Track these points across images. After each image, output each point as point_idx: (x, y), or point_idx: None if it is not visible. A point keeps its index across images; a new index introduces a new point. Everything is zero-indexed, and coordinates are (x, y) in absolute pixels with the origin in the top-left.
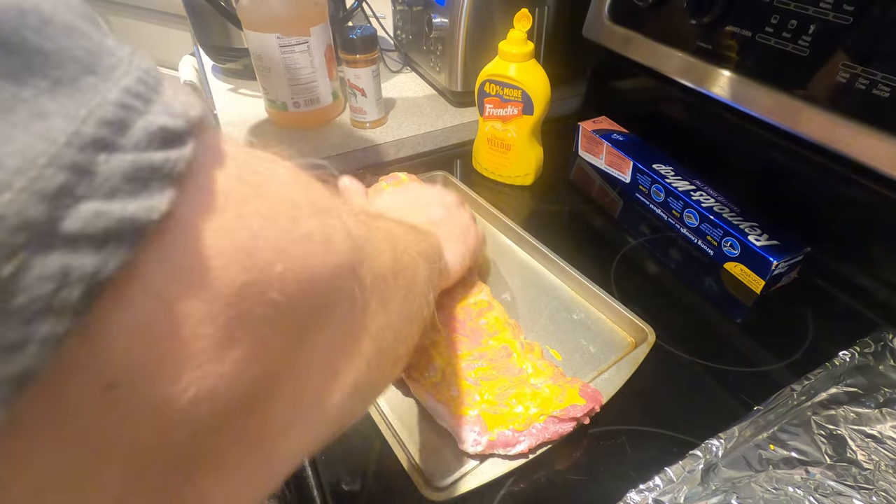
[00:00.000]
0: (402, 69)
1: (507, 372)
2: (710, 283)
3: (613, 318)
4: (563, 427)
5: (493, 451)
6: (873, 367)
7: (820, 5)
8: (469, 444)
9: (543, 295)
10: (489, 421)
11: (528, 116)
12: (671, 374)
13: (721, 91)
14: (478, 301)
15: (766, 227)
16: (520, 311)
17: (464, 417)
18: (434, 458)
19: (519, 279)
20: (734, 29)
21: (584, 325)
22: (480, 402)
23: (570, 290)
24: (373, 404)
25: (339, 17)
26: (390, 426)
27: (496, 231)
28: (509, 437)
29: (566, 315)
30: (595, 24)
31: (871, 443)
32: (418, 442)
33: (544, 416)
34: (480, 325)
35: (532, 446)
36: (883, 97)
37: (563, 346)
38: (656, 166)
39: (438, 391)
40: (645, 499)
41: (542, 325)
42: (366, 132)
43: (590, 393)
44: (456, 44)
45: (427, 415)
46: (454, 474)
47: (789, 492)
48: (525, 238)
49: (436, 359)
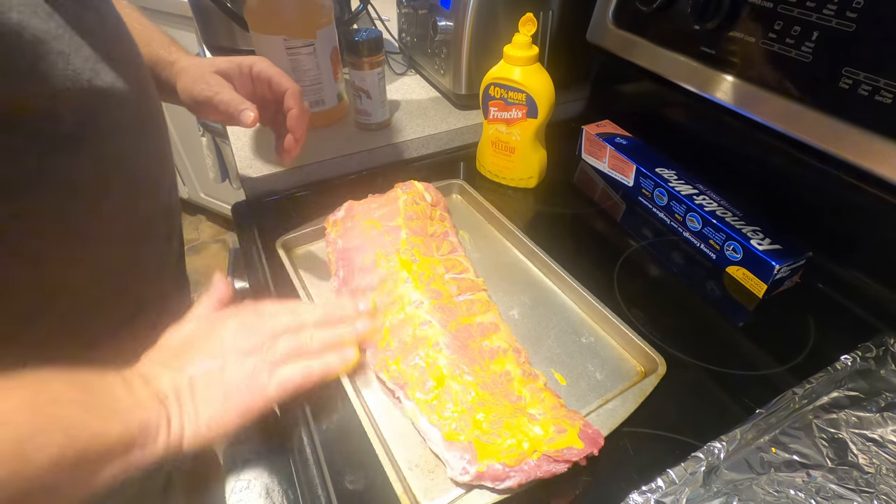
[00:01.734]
0: (407, 72)
1: (505, 398)
2: (713, 287)
3: (623, 344)
4: (556, 467)
5: (481, 482)
6: (875, 372)
7: (823, 12)
8: (458, 472)
9: (552, 315)
10: (480, 450)
11: (533, 120)
12: (673, 377)
13: (724, 96)
14: (484, 321)
15: (769, 231)
16: (527, 330)
17: (454, 443)
18: (426, 479)
19: (528, 296)
20: (738, 34)
21: (592, 349)
22: (473, 428)
23: (580, 311)
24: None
25: (345, 20)
26: (382, 439)
27: (508, 244)
28: (499, 471)
29: (574, 338)
30: (599, 29)
31: (873, 446)
32: (411, 459)
33: (538, 454)
34: (483, 346)
35: (522, 482)
36: (885, 103)
37: (568, 370)
38: (659, 170)
39: (431, 412)
40: (647, 500)
41: (549, 347)
42: (370, 134)
43: (590, 435)
44: (460, 47)
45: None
46: (442, 498)
47: (791, 495)
48: (537, 254)
49: (432, 379)
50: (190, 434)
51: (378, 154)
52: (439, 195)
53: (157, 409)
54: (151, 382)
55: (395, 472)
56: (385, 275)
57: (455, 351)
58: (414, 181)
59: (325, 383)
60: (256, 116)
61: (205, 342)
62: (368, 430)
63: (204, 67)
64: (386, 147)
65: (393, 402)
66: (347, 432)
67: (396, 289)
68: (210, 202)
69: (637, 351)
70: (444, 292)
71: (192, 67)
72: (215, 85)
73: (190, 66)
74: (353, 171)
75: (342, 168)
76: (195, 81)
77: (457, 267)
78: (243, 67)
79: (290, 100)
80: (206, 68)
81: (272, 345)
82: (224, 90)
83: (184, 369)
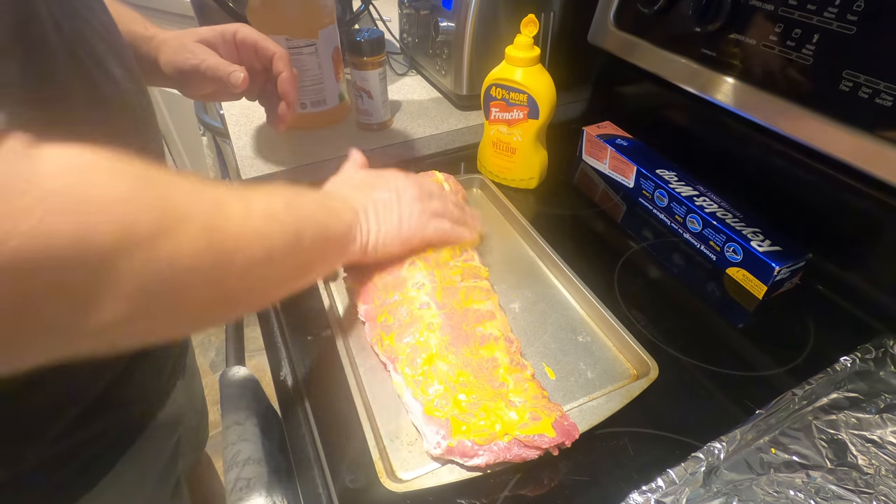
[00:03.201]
0: (408, 72)
1: (488, 383)
2: (713, 288)
3: (619, 346)
4: (527, 452)
5: (450, 457)
6: (874, 373)
7: (824, 14)
8: (432, 445)
9: (552, 311)
10: (455, 427)
11: (534, 121)
12: (673, 378)
13: (725, 98)
14: (481, 308)
15: (769, 232)
16: (525, 323)
17: (433, 419)
18: (405, 450)
19: (532, 291)
20: (739, 37)
21: (587, 348)
22: (453, 406)
23: (581, 310)
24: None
25: (346, 20)
26: (368, 408)
27: (521, 241)
28: (468, 448)
29: (571, 336)
30: (600, 30)
31: (872, 447)
32: (393, 431)
33: (509, 437)
34: (476, 331)
35: (490, 463)
36: (886, 106)
37: (560, 366)
38: (660, 171)
39: (417, 388)
40: (647, 500)
41: (545, 342)
42: (372, 134)
43: (565, 427)
44: (462, 48)
45: None
46: (417, 470)
47: (790, 495)
48: (547, 251)
49: (421, 356)
50: (372, 244)
51: (379, 154)
52: (459, 186)
53: (356, 217)
54: (348, 199)
55: (375, 440)
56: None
57: (447, 332)
58: (435, 171)
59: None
60: (246, 77)
61: (382, 181)
62: (356, 398)
63: (186, 37)
64: (387, 147)
65: (385, 374)
66: (338, 399)
67: (401, 270)
68: None
69: (631, 354)
70: (447, 276)
71: (172, 39)
72: (200, 53)
73: (171, 38)
74: None
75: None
76: (178, 52)
77: (463, 255)
78: (226, 35)
79: (279, 63)
80: (188, 38)
81: (429, 200)
82: (210, 57)
83: (369, 195)
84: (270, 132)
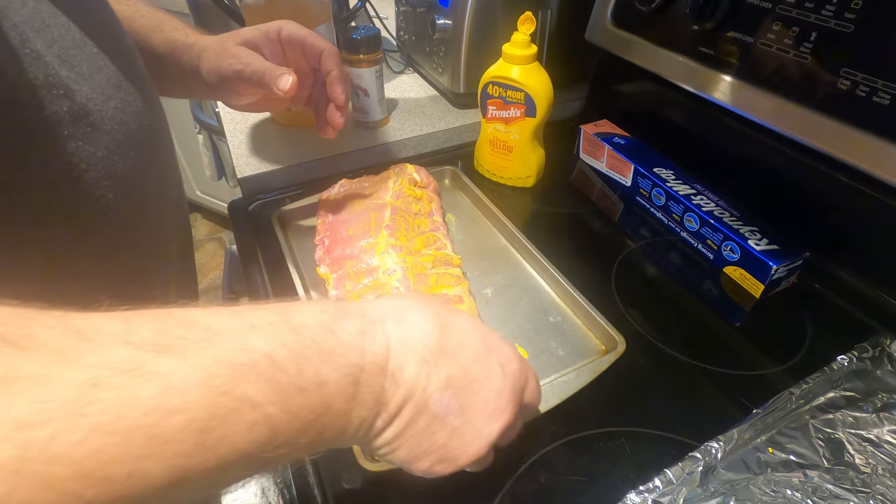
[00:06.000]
0: (405, 70)
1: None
2: (710, 287)
3: (588, 324)
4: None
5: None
6: (871, 372)
7: (822, 13)
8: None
9: (524, 294)
10: None
11: (531, 119)
12: (670, 377)
13: (722, 96)
14: (450, 293)
15: (766, 231)
16: (498, 308)
17: None
18: None
19: (503, 276)
20: (736, 35)
21: (558, 328)
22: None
23: (551, 292)
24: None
25: (343, 17)
26: None
27: (493, 229)
28: None
29: (543, 317)
30: (598, 28)
31: (869, 447)
32: None
33: None
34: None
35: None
36: (883, 104)
37: (532, 346)
38: (657, 170)
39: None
40: (644, 500)
41: (518, 324)
42: (368, 132)
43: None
44: (459, 45)
45: None
46: None
47: (787, 494)
48: (518, 237)
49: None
50: (380, 445)
51: (375, 152)
52: (430, 178)
53: (384, 406)
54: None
55: None
56: (365, 246)
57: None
58: (407, 164)
59: None
60: (295, 81)
61: (481, 364)
62: None
63: (228, 41)
64: (383, 145)
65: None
66: None
67: (373, 258)
68: (206, 200)
69: (600, 331)
70: (419, 263)
71: (214, 44)
72: (245, 56)
73: (212, 44)
74: (350, 170)
75: (339, 166)
76: (220, 57)
77: (435, 243)
78: (270, 34)
79: (328, 61)
80: (230, 41)
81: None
82: (255, 60)
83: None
84: (266, 130)
